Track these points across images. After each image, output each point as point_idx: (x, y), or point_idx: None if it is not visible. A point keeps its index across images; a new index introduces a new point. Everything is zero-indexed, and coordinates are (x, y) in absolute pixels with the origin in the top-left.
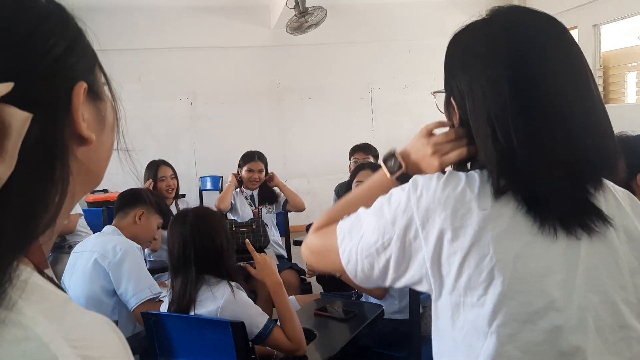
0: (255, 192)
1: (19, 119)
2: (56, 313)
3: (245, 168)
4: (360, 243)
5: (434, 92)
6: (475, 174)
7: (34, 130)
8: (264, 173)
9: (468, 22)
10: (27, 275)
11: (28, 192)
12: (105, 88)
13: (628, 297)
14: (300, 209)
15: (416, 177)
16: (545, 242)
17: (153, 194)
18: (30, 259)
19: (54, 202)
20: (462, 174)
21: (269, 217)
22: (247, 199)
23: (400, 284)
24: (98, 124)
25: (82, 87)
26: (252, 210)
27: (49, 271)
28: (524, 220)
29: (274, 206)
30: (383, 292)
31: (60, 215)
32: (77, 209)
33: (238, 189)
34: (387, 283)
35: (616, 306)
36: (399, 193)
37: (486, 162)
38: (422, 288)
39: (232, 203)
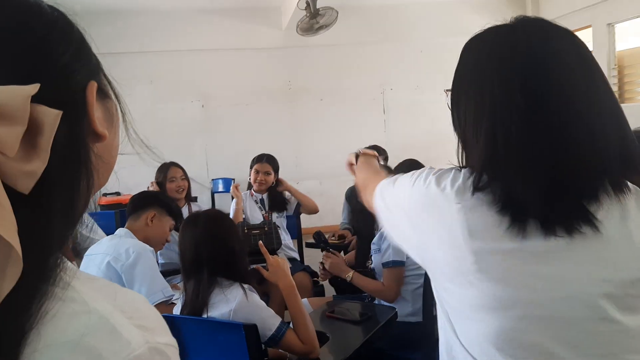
0: (265, 196)
1: (51, 117)
2: (107, 290)
3: (253, 169)
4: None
5: (447, 90)
6: (463, 171)
7: (61, 128)
8: (271, 176)
9: (491, 25)
10: (67, 263)
11: (65, 185)
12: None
13: (612, 290)
14: (313, 211)
15: (421, 171)
16: (514, 238)
17: (165, 195)
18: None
19: (86, 193)
20: (450, 173)
21: (279, 221)
22: (257, 202)
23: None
24: (108, 121)
25: (94, 86)
26: (263, 215)
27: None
28: (497, 216)
29: (284, 214)
30: (394, 296)
31: (84, 211)
32: None
33: (248, 191)
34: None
35: (593, 299)
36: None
37: (473, 159)
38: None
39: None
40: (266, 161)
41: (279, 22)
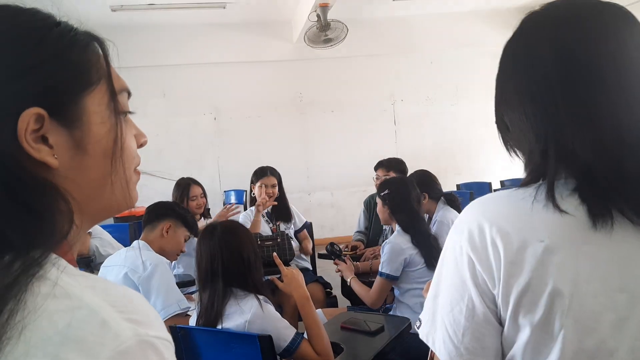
0: (271, 209)
1: None
2: (100, 286)
3: (258, 184)
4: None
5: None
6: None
7: None
8: (276, 188)
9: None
10: (64, 263)
11: (25, 204)
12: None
13: None
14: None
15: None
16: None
17: (180, 207)
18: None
19: (54, 210)
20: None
21: (287, 232)
22: (264, 216)
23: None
24: (72, 149)
25: (30, 113)
26: (271, 228)
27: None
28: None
29: (291, 224)
30: (371, 302)
31: (72, 224)
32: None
33: (254, 207)
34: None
35: None
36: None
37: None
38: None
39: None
40: (271, 174)
41: (290, 35)
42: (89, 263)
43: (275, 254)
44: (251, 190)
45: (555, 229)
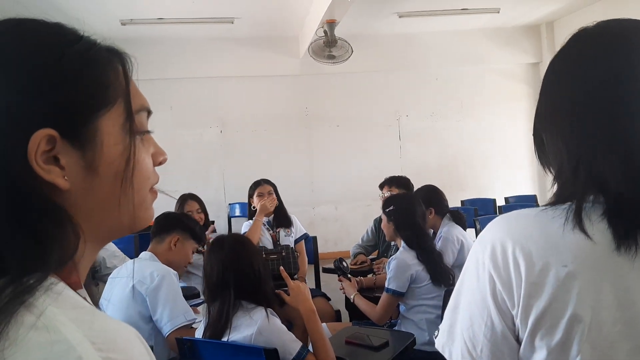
0: (272, 218)
1: None
2: (84, 319)
3: (255, 195)
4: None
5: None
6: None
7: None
8: (273, 195)
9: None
10: (60, 288)
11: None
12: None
13: None
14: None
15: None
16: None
17: (189, 218)
18: (63, 279)
19: (59, 230)
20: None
21: (286, 239)
22: (264, 225)
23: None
24: (83, 171)
25: (41, 134)
26: (271, 234)
27: (82, 292)
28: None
29: (291, 230)
30: (378, 318)
31: (76, 247)
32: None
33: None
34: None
35: None
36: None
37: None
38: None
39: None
40: (265, 183)
41: (296, 50)
42: (94, 274)
43: (282, 267)
44: (250, 203)
45: (579, 253)
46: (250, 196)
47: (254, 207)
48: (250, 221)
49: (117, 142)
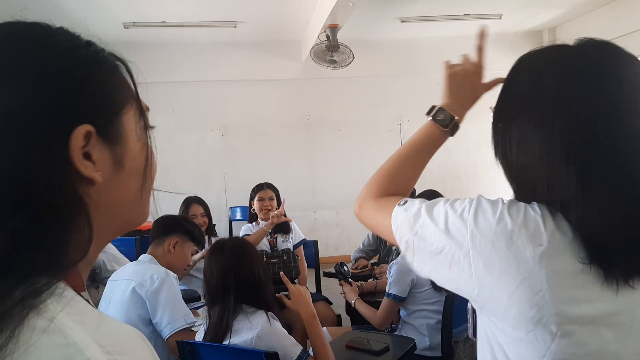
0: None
1: None
2: (91, 323)
3: (256, 198)
4: (415, 238)
5: (492, 107)
6: (535, 207)
7: (33, 167)
8: (274, 201)
9: (549, 48)
10: (67, 292)
11: (11, 222)
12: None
13: None
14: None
15: (479, 200)
16: (599, 286)
17: (188, 221)
18: (68, 282)
19: (84, 229)
20: (522, 207)
21: (284, 245)
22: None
23: (445, 283)
24: (112, 166)
25: (81, 131)
26: (268, 240)
27: (85, 294)
28: (581, 264)
29: (289, 236)
30: (379, 323)
31: (88, 249)
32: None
33: (255, 222)
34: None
35: None
36: (456, 211)
37: (552, 194)
38: (465, 295)
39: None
40: (267, 187)
41: (299, 54)
42: (94, 277)
43: (282, 273)
44: (251, 206)
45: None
46: (252, 199)
47: (253, 210)
48: (250, 225)
49: (137, 139)
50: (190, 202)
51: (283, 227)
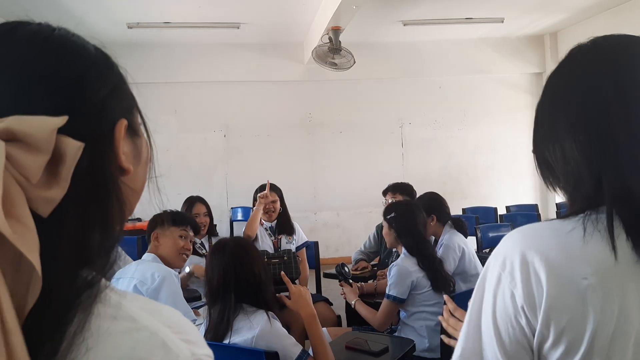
0: (274, 224)
1: (73, 148)
2: (152, 307)
3: (259, 200)
4: None
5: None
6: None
7: (83, 160)
8: (277, 203)
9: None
10: (106, 282)
11: (82, 211)
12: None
13: None
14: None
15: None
16: None
17: (160, 214)
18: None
19: (119, 216)
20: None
21: (288, 246)
22: (267, 230)
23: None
24: (135, 157)
25: (122, 124)
26: (272, 241)
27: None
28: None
29: (294, 237)
30: (378, 324)
31: (120, 239)
32: None
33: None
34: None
35: None
36: None
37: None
38: None
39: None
40: (271, 189)
41: (301, 56)
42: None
43: (283, 272)
44: (254, 207)
45: (599, 266)
46: (255, 199)
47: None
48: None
49: (142, 134)
50: (193, 201)
51: (287, 229)
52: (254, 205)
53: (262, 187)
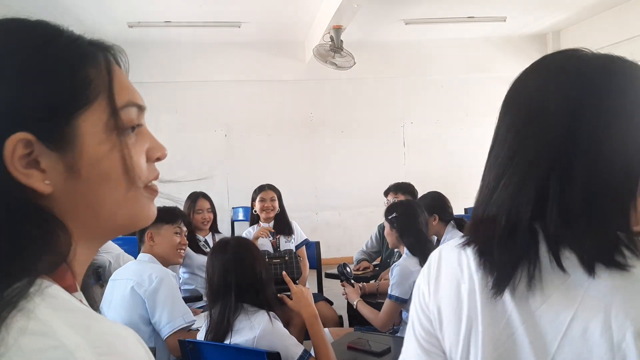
0: (272, 225)
1: None
2: (81, 323)
3: (258, 199)
4: None
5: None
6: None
7: None
8: (276, 202)
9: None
10: (55, 291)
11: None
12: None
13: None
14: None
15: None
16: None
17: (159, 209)
18: (59, 283)
19: (27, 239)
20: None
21: (287, 245)
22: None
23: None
24: (65, 174)
25: (15, 139)
26: (270, 241)
27: (77, 294)
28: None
29: (292, 237)
30: (381, 325)
31: (68, 252)
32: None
33: (256, 225)
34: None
35: None
36: None
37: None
38: None
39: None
40: (269, 188)
41: (302, 55)
42: (99, 275)
43: (284, 272)
44: (252, 207)
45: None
46: (253, 200)
47: (255, 212)
48: (250, 229)
49: (100, 142)
50: (197, 196)
51: (285, 229)
52: (252, 207)
53: (260, 188)
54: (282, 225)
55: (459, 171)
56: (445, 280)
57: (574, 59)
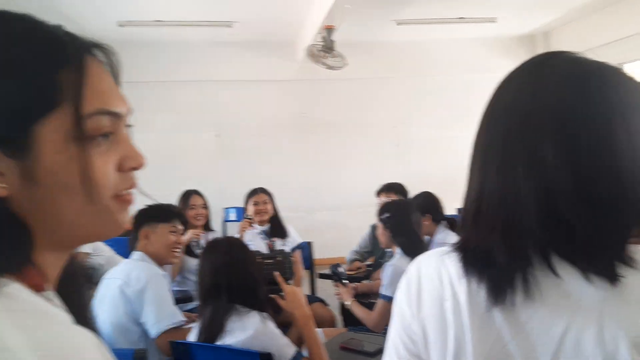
0: (267, 227)
1: None
2: (31, 325)
3: (251, 202)
4: None
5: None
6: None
7: None
8: (269, 205)
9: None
10: (12, 290)
11: None
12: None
13: None
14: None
15: None
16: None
17: (148, 208)
18: (25, 282)
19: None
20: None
21: (282, 248)
22: (260, 234)
23: None
24: (21, 179)
25: None
26: (267, 243)
27: (47, 293)
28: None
29: (287, 240)
30: (373, 325)
31: (30, 253)
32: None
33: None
34: None
35: None
36: None
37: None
38: None
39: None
40: (261, 192)
41: (295, 55)
42: (90, 278)
43: (277, 273)
44: (245, 211)
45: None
46: (246, 203)
47: (247, 216)
48: (250, 230)
49: (59, 150)
50: (190, 193)
51: (280, 232)
52: (245, 210)
53: (252, 192)
54: (277, 229)
55: (455, 172)
56: (428, 297)
57: (563, 62)
